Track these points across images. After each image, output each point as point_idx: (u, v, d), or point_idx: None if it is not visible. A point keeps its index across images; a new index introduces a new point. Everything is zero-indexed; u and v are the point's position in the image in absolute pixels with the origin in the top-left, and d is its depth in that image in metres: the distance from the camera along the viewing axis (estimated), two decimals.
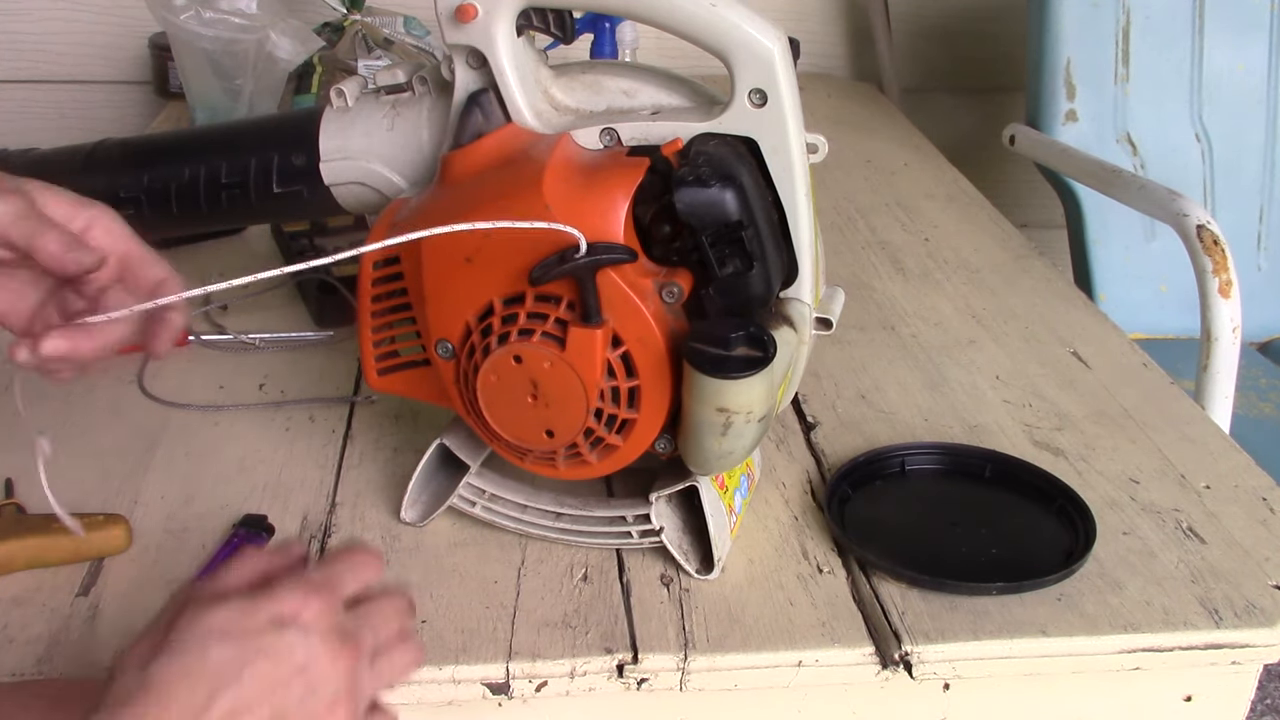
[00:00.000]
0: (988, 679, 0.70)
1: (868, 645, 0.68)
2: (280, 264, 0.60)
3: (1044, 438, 0.88)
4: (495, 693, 0.66)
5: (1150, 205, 1.29)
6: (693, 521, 0.74)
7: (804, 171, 0.69)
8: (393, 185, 0.75)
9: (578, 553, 0.75)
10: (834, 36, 1.92)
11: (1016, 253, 1.23)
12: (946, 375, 0.97)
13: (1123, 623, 0.69)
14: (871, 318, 1.08)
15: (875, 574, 0.73)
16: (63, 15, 1.77)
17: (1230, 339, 1.16)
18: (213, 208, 0.79)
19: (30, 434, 0.61)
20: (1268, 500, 0.82)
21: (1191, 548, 0.76)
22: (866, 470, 0.82)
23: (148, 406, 0.91)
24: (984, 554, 0.75)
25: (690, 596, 0.71)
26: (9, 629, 0.69)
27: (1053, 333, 1.05)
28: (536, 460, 0.71)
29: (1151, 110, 1.55)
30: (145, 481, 0.82)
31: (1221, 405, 1.16)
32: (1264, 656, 0.70)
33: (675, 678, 0.67)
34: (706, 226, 0.65)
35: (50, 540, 0.73)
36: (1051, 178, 1.56)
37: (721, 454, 0.67)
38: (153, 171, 0.80)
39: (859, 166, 1.48)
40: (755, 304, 0.68)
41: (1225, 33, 1.54)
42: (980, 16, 1.88)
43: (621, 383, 0.66)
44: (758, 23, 0.65)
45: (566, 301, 0.65)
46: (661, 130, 0.68)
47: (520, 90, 0.69)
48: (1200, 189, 1.56)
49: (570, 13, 0.71)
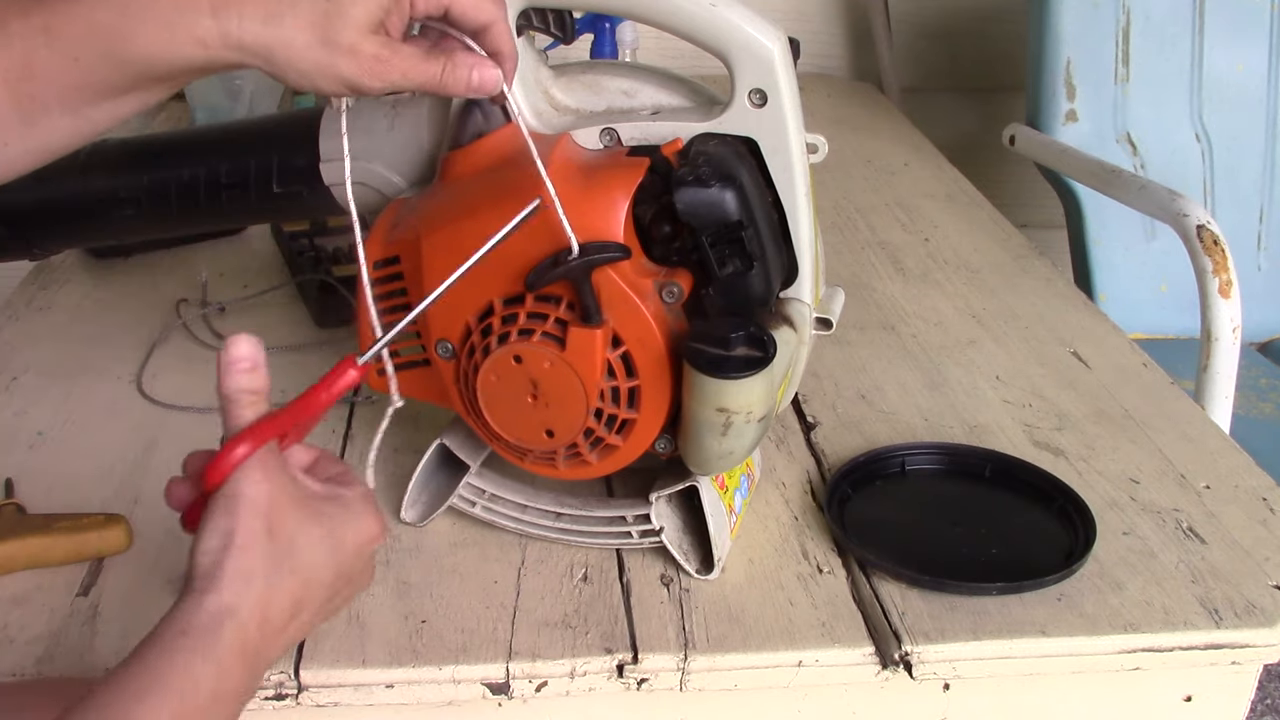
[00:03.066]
0: (988, 679, 0.70)
1: (868, 645, 0.68)
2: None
3: (1044, 438, 0.88)
4: (495, 693, 0.66)
5: (1150, 205, 1.29)
6: (693, 521, 0.74)
7: (804, 171, 0.69)
8: (393, 185, 0.75)
9: (578, 553, 0.75)
10: (834, 36, 1.92)
11: (1016, 253, 1.23)
12: (946, 375, 0.97)
13: (1123, 623, 0.69)
14: (871, 318, 1.08)
15: (875, 574, 0.73)
16: None
17: (1230, 339, 1.16)
18: (213, 207, 0.79)
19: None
20: (1268, 500, 0.82)
21: (1191, 548, 0.76)
22: (866, 470, 0.82)
23: (147, 406, 0.91)
24: (984, 554, 0.75)
25: (690, 596, 0.71)
26: (9, 629, 0.69)
27: (1053, 333, 1.05)
28: (536, 460, 0.71)
29: (1151, 110, 1.55)
30: (145, 481, 0.82)
31: (1221, 405, 1.16)
32: (1264, 656, 0.70)
33: (675, 678, 0.67)
34: (706, 226, 0.65)
35: (50, 540, 0.73)
36: (1051, 178, 1.56)
37: (721, 454, 0.67)
38: (153, 171, 0.80)
39: (859, 166, 1.48)
40: (755, 304, 0.68)
41: (1225, 33, 1.54)
42: (980, 16, 1.88)
43: (621, 383, 0.66)
44: (758, 23, 0.65)
45: (566, 302, 0.65)
46: (661, 130, 0.68)
47: (520, 90, 0.69)
48: (1200, 189, 1.56)
49: (570, 13, 0.71)
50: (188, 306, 1.06)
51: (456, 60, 0.59)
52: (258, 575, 0.50)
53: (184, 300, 1.07)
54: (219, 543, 0.50)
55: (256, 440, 0.52)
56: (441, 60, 0.59)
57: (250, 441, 0.52)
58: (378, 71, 0.56)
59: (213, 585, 0.50)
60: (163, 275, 1.13)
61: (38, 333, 1.03)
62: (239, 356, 0.54)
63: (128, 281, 1.12)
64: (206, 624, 0.49)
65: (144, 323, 1.04)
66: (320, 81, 0.57)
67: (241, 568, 0.50)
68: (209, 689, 0.48)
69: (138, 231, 0.87)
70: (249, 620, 0.50)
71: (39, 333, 1.03)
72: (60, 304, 1.08)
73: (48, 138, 0.59)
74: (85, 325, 1.04)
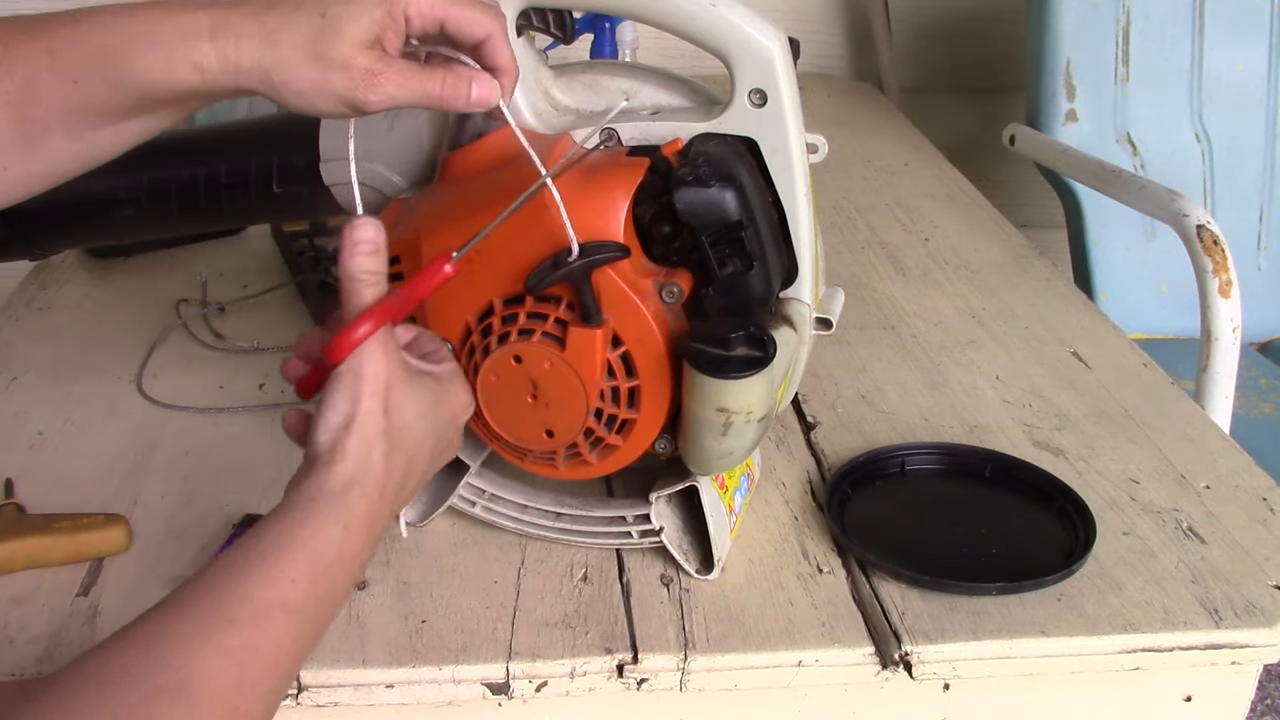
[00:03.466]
0: (988, 679, 0.70)
1: (868, 645, 0.68)
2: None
3: (1044, 438, 0.88)
4: (495, 693, 0.66)
5: (1150, 205, 1.29)
6: (693, 521, 0.74)
7: (804, 171, 0.69)
8: (393, 185, 0.75)
9: (578, 553, 0.75)
10: (834, 36, 1.92)
11: (1016, 253, 1.23)
12: (946, 375, 0.97)
13: (1123, 623, 0.69)
14: (871, 318, 1.08)
15: (875, 574, 0.73)
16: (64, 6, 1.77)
17: (1230, 339, 1.16)
18: (213, 207, 0.79)
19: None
20: (1268, 500, 0.82)
21: (1191, 548, 0.76)
22: (866, 470, 0.82)
23: (147, 406, 0.91)
24: (984, 554, 0.75)
25: (690, 596, 0.71)
26: (9, 629, 0.69)
27: (1053, 333, 1.05)
28: (536, 460, 0.71)
29: (1151, 110, 1.55)
30: (145, 481, 0.82)
31: (1221, 405, 1.16)
32: (1264, 656, 0.70)
33: (675, 678, 0.67)
34: (706, 226, 0.65)
35: (50, 540, 0.73)
36: (1051, 178, 1.56)
37: (721, 454, 0.67)
38: (153, 171, 0.80)
39: (859, 166, 1.48)
40: (755, 304, 0.68)
41: (1225, 33, 1.54)
42: (980, 16, 1.88)
43: (621, 383, 0.66)
44: (757, 23, 0.65)
45: (566, 302, 0.65)
46: (661, 130, 0.68)
47: (520, 90, 0.69)
48: (1200, 189, 1.56)
49: (570, 13, 0.71)
50: (188, 306, 1.06)
51: (454, 74, 0.60)
52: (376, 449, 0.55)
53: (184, 300, 1.07)
54: (342, 420, 0.55)
55: (378, 320, 0.56)
56: (439, 74, 0.59)
57: (372, 321, 0.56)
58: (372, 84, 0.57)
59: (338, 458, 0.55)
60: (163, 275, 1.13)
61: (38, 333, 1.03)
62: (363, 239, 0.57)
63: (128, 281, 1.12)
64: (335, 490, 0.54)
65: (144, 323, 1.04)
66: (317, 100, 0.57)
67: (362, 442, 0.55)
68: (336, 550, 0.53)
69: (138, 231, 0.87)
70: (371, 489, 0.55)
71: (39, 333, 1.03)
72: (60, 304, 1.08)
73: (48, 161, 0.60)
74: (85, 325, 1.04)
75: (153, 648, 0.47)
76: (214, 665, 0.47)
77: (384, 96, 0.57)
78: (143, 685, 0.46)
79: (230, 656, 0.48)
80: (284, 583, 0.51)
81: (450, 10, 0.58)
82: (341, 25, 0.56)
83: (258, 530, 0.52)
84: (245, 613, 0.49)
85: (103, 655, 0.47)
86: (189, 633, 0.48)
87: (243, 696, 0.48)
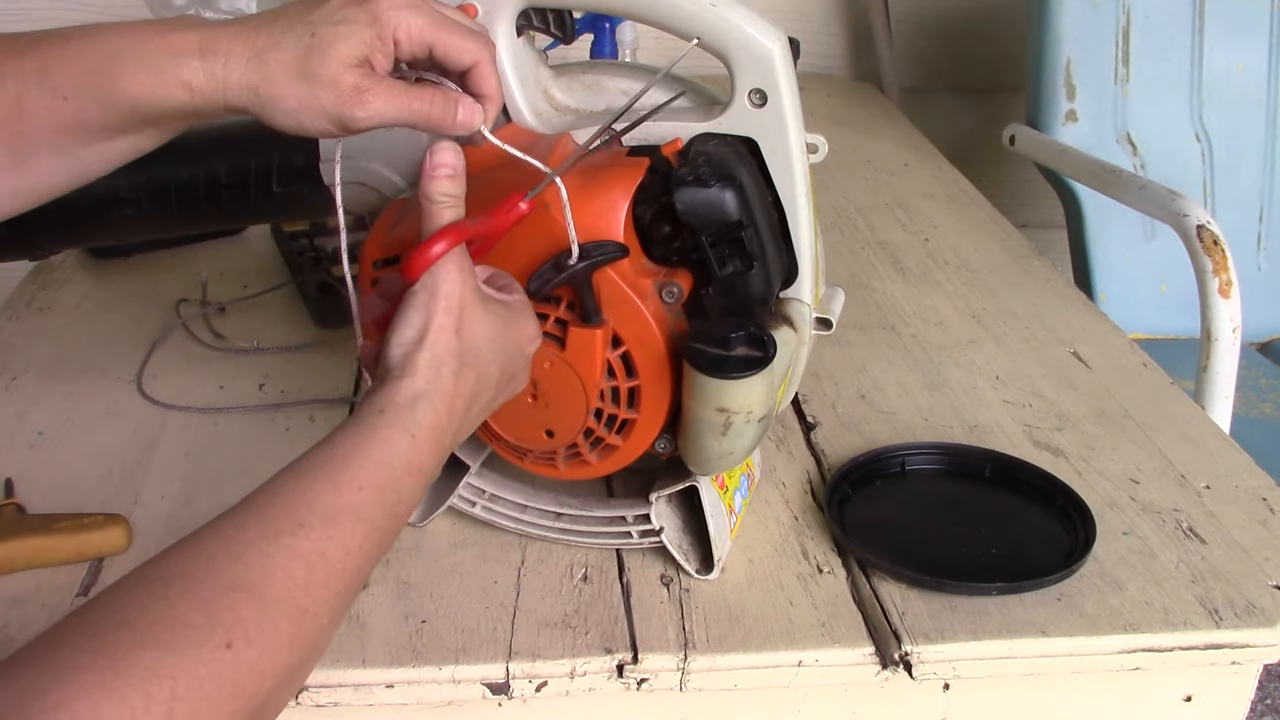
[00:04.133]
0: (988, 679, 0.70)
1: (868, 645, 0.68)
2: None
3: (1044, 438, 0.88)
4: (495, 693, 0.66)
5: (1150, 205, 1.29)
6: (693, 521, 0.74)
7: (804, 171, 0.69)
8: (392, 185, 0.75)
9: (578, 553, 0.75)
10: (834, 36, 1.92)
11: (1016, 253, 1.23)
12: (946, 375, 0.97)
13: (1123, 623, 0.69)
14: (871, 318, 1.08)
15: (875, 574, 0.73)
16: (64, 16, 1.77)
17: (1230, 339, 1.16)
18: (213, 207, 0.80)
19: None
20: (1268, 500, 0.82)
21: (1191, 548, 0.76)
22: (866, 470, 0.82)
23: (147, 406, 0.91)
24: (984, 554, 0.75)
25: (690, 596, 0.71)
26: (9, 629, 0.69)
27: (1053, 333, 1.05)
28: (536, 460, 0.71)
29: (1151, 110, 1.55)
30: (145, 481, 0.82)
31: (1221, 405, 1.16)
32: (1264, 656, 0.70)
33: (675, 678, 0.67)
34: (706, 226, 0.65)
35: (50, 540, 0.73)
36: (1051, 178, 1.56)
37: (721, 454, 0.67)
38: (153, 171, 0.80)
39: (859, 166, 1.48)
40: (755, 304, 0.68)
41: (1225, 33, 1.54)
42: (980, 16, 1.88)
43: (621, 383, 0.66)
44: (757, 23, 0.65)
45: (566, 302, 0.65)
46: (661, 130, 0.68)
47: (520, 90, 0.69)
48: (1200, 189, 1.56)
49: (570, 13, 0.71)
50: (188, 306, 1.06)
51: (442, 95, 0.60)
52: (446, 366, 0.56)
53: (184, 300, 1.07)
54: (415, 335, 0.56)
55: (454, 239, 0.57)
56: (427, 93, 0.60)
57: (449, 239, 0.57)
58: (360, 101, 0.57)
59: (408, 371, 0.55)
60: (163, 275, 1.13)
61: (38, 333, 1.03)
62: (442, 163, 0.58)
63: (128, 281, 1.12)
64: (404, 402, 0.55)
65: (144, 323, 1.04)
66: (305, 118, 0.58)
67: (433, 358, 0.56)
68: (403, 460, 0.54)
69: (138, 231, 0.87)
70: (439, 403, 0.56)
71: (39, 333, 1.03)
72: (60, 304, 1.08)
73: (37, 178, 0.61)
74: (85, 325, 1.04)
75: (227, 548, 0.49)
76: (283, 566, 0.49)
77: (371, 113, 0.58)
78: (219, 579, 0.47)
79: (299, 559, 0.49)
80: (352, 490, 0.52)
81: (439, 35, 0.59)
82: (330, 44, 0.57)
83: (329, 440, 0.53)
84: (314, 517, 0.50)
85: (184, 550, 0.49)
86: (260, 535, 0.49)
87: (310, 599, 0.49)
